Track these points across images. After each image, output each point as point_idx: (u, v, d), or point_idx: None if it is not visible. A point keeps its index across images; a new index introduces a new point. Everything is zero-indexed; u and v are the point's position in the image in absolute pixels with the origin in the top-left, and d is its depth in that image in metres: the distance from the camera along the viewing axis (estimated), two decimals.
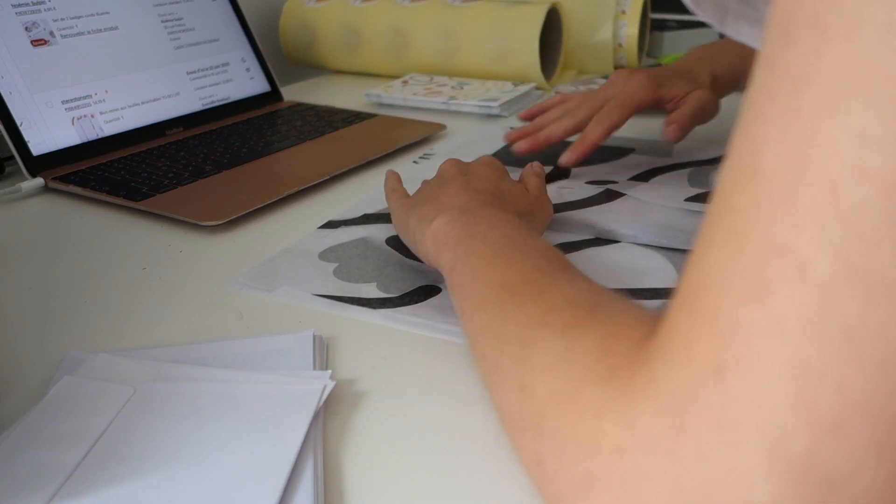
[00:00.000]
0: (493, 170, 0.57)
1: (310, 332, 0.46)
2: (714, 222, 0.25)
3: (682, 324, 0.24)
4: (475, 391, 0.42)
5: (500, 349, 0.34)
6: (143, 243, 0.61)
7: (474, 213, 0.47)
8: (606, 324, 0.30)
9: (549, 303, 0.34)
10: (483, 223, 0.45)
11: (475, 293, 0.39)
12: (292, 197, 0.69)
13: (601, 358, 0.28)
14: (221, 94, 0.93)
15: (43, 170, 0.74)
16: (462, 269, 0.42)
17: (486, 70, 1.05)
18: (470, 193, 0.52)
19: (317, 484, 0.34)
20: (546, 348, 0.31)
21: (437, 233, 0.47)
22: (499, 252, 0.41)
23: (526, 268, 0.38)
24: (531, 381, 0.31)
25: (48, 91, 0.77)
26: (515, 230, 0.44)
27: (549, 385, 0.29)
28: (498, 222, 0.45)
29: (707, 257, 0.24)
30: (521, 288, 0.37)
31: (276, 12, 1.21)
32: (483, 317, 0.37)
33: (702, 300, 0.24)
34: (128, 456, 0.36)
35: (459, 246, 0.44)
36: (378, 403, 0.41)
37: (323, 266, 0.56)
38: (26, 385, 0.43)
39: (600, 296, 0.34)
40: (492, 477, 0.35)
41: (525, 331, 0.33)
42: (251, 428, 0.37)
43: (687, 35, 1.24)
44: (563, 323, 0.32)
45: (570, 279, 0.37)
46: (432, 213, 0.49)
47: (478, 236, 0.44)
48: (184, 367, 0.42)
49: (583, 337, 0.30)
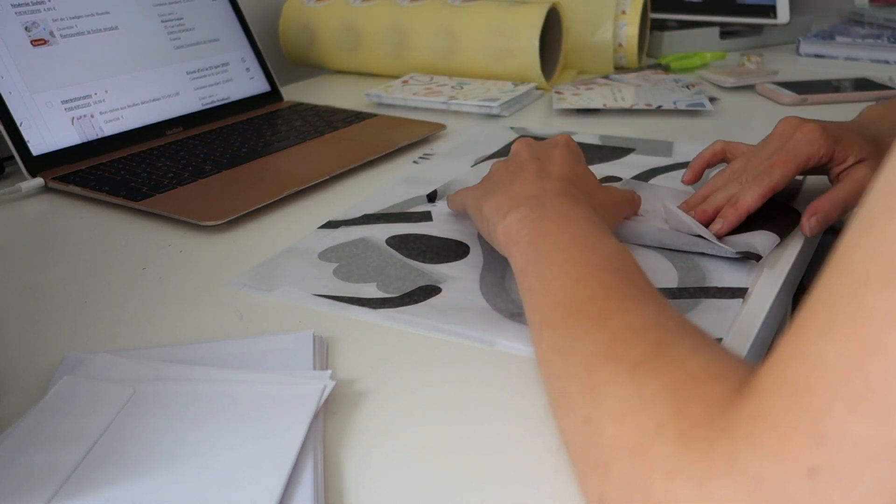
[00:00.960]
0: (570, 153, 0.55)
1: (310, 333, 0.45)
2: (832, 310, 0.23)
3: (779, 413, 0.24)
4: (475, 391, 0.42)
5: (566, 375, 0.34)
6: (143, 243, 0.61)
7: (546, 207, 0.47)
8: (677, 370, 0.30)
9: (616, 331, 0.34)
10: (555, 223, 0.45)
11: (543, 307, 0.39)
12: (292, 197, 0.69)
13: (675, 414, 0.28)
14: (221, 94, 0.93)
15: (43, 170, 0.74)
16: (532, 274, 0.42)
17: (486, 70, 1.05)
18: (544, 181, 0.50)
19: (317, 484, 0.34)
20: (614, 386, 0.31)
21: (510, 230, 0.46)
22: (569, 260, 0.41)
23: (594, 284, 0.38)
24: (598, 419, 0.31)
25: (48, 91, 0.77)
26: (588, 231, 0.44)
27: (618, 429, 0.29)
28: (570, 221, 0.45)
29: (818, 348, 0.23)
30: (588, 309, 0.36)
31: (276, 12, 1.21)
32: (551, 336, 0.37)
33: (806, 396, 0.23)
34: (127, 456, 0.36)
35: (531, 248, 0.44)
36: (378, 403, 0.41)
37: (323, 266, 0.56)
38: (26, 385, 0.43)
39: (665, 328, 0.34)
40: (491, 476, 0.35)
41: (592, 360, 0.33)
42: (251, 428, 0.37)
43: (687, 35, 1.24)
44: (630, 360, 0.32)
45: (637, 300, 0.37)
46: (505, 206, 0.48)
47: (549, 237, 0.43)
48: (183, 367, 0.42)
49: (653, 380, 0.30)
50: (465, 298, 0.51)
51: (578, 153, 0.56)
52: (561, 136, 0.57)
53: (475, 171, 0.73)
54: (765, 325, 0.48)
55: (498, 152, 0.80)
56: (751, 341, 0.46)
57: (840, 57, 1.21)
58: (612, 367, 0.32)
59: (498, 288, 0.52)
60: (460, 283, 0.52)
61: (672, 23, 1.28)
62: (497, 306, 0.49)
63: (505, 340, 0.45)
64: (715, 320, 0.47)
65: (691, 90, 0.98)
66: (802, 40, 1.25)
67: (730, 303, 0.49)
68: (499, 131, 0.87)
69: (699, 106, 0.91)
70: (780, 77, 1.04)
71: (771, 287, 0.51)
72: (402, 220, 0.63)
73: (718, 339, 0.45)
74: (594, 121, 0.91)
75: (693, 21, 1.26)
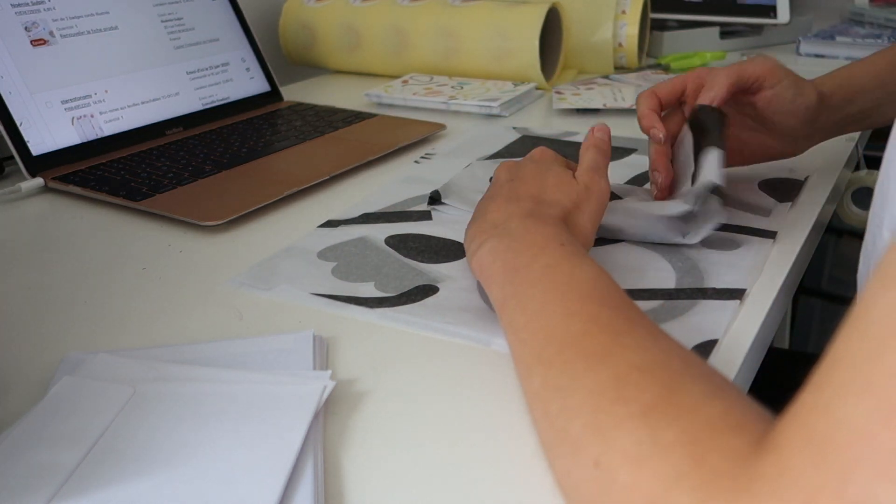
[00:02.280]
0: (540, 166, 0.54)
1: (310, 332, 0.46)
2: (855, 366, 0.23)
3: (804, 470, 0.23)
4: (475, 391, 0.42)
5: (567, 414, 0.33)
6: (143, 243, 0.61)
7: (513, 235, 0.46)
8: (693, 418, 0.29)
9: (621, 370, 0.33)
10: (524, 254, 0.44)
11: (531, 342, 0.38)
12: (292, 197, 0.69)
13: (694, 464, 0.27)
14: (221, 94, 0.93)
15: (43, 170, 0.74)
16: (514, 308, 0.41)
17: (486, 70, 1.05)
18: (510, 205, 0.49)
19: (317, 484, 0.34)
20: (626, 432, 0.30)
21: (483, 264, 0.46)
22: (549, 291, 0.40)
23: (584, 317, 0.37)
24: (610, 464, 0.30)
25: (48, 91, 0.77)
26: (560, 257, 0.43)
27: (634, 476, 0.28)
28: (540, 248, 0.44)
29: (842, 405, 0.23)
30: (584, 345, 0.36)
31: (276, 12, 1.21)
32: (546, 373, 0.36)
33: (832, 455, 0.23)
34: (128, 456, 0.36)
35: (506, 282, 0.43)
36: (378, 403, 0.41)
37: (321, 265, 0.56)
38: (26, 385, 0.43)
39: (671, 368, 0.33)
40: (491, 476, 0.36)
41: (599, 400, 0.32)
42: (251, 428, 0.37)
43: (687, 35, 1.24)
44: (642, 404, 0.31)
45: (634, 336, 0.36)
46: (478, 238, 0.48)
47: (521, 270, 0.43)
48: (183, 367, 0.42)
49: (668, 428, 0.29)
50: (463, 298, 0.51)
51: (551, 160, 0.55)
52: (535, 149, 0.57)
53: (469, 170, 0.73)
54: (764, 325, 0.48)
55: (498, 152, 0.80)
56: (750, 342, 0.46)
57: (840, 57, 1.21)
58: (622, 409, 0.31)
59: None
60: (458, 283, 0.53)
61: (672, 23, 1.28)
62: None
63: (501, 340, 0.45)
64: (712, 321, 0.47)
65: None
66: (802, 40, 1.25)
67: (728, 304, 0.49)
68: (499, 131, 0.87)
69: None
70: None
71: (770, 287, 0.51)
72: (402, 220, 0.63)
73: (715, 339, 0.45)
74: (594, 121, 0.91)
75: (693, 21, 1.26)
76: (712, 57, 1.13)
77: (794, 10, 1.25)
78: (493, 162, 0.76)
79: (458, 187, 0.68)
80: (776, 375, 0.67)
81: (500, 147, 0.81)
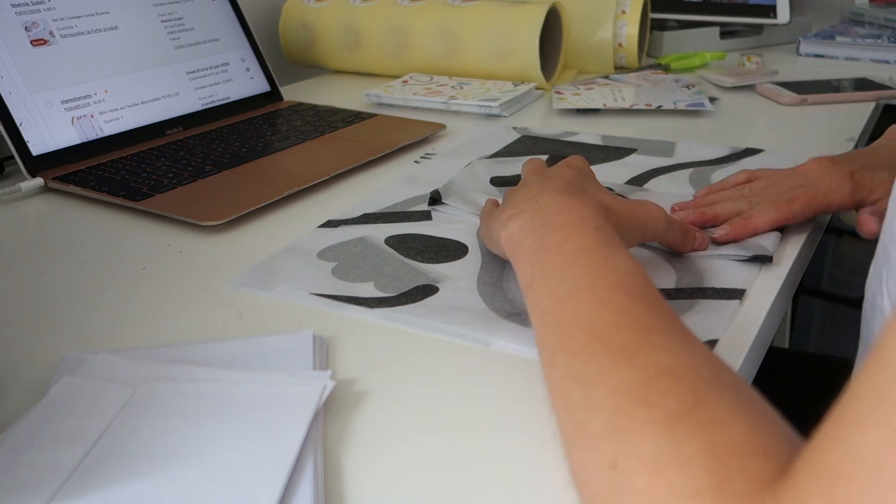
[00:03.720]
0: (576, 169, 0.52)
1: (309, 332, 0.46)
2: (871, 400, 0.24)
3: (816, 501, 0.24)
4: (475, 391, 0.42)
5: (588, 408, 0.32)
6: (143, 243, 0.61)
7: (546, 211, 0.44)
8: (718, 434, 0.29)
9: (648, 372, 0.32)
10: (558, 231, 0.42)
11: (557, 328, 0.37)
12: (292, 197, 0.69)
13: (715, 484, 0.27)
14: (221, 94, 0.93)
15: (43, 170, 0.74)
16: (541, 289, 0.40)
17: (486, 70, 1.05)
18: (545, 182, 0.48)
19: (317, 484, 0.34)
20: (647, 435, 0.29)
21: (512, 239, 0.45)
22: (580, 276, 0.39)
23: (614, 309, 0.36)
24: (627, 467, 0.29)
25: (48, 91, 0.77)
26: (595, 241, 0.41)
27: (649, 483, 0.28)
28: (574, 228, 0.42)
29: (855, 438, 0.23)
30: (613, 340, 0.35)
31: (276, 12, 1.21)
32: (569, 362, 0.35)
33: (841, 487, 0.23)
34: (127, 456, 0.36)
35: (536, 260, 0.42)
36: (378, 403, 0.41)
37: (321, 265, 0.56)
38: (26, 385, 0.43)
39: (701, 375, 0.32)
40: (491, 476, 0.36)
41: (622, 400, 0.31)
42: (251, 428, 0.37)
43: (687, 35, 1.24)
44: (666, 410, 0.30)
45: (665, 335, 0.35)
46: (506, 213, 0.47)
47: (552, 249, 0.41)
48: (183, 367, 0.42)
49: (691, 439, 0.29)
50: (462, 298, 0.51)
51: (587, 171, 0.53)
52: (571, 157, 0.55)
53: (469, 170, 0.73)
54: (764, 325, 0.48)
55: (498, 152, 0.80)
56: (751, 342, 0.46)
57: (840, 57, 1.21)
58: (645, 413, 0.30)
59: (495, 288, 0.52)
60: (458, 283, 0.53)
61: (672, 23, 1.28)
62: (494, 306, 0.49)
63: (501, 340, 0.46)
64: (712, 321, 0.47)
65: (691, 90, 0.98)
66: (802, 40, 1.25)
67: (727, 304, 0.49)
68: (499, 131, 0.87)
69: (699, 106, 0.91)
70: (780, 77, 1.04)
71: (770, 287, 0.51)
72: (402, 220, 0.63)
73: (715, 339, 0.45)
74: (594, 121, 0.91)
75: (693, 21, 1.26)
76: (712, 57, 1.13)
77: (794, 10, 1.25)
78: (493, 161, 0.76)
79: (458, 187, 0.68)
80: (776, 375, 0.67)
81: (500, 147, 0.81)
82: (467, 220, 0.63)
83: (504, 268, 0.54)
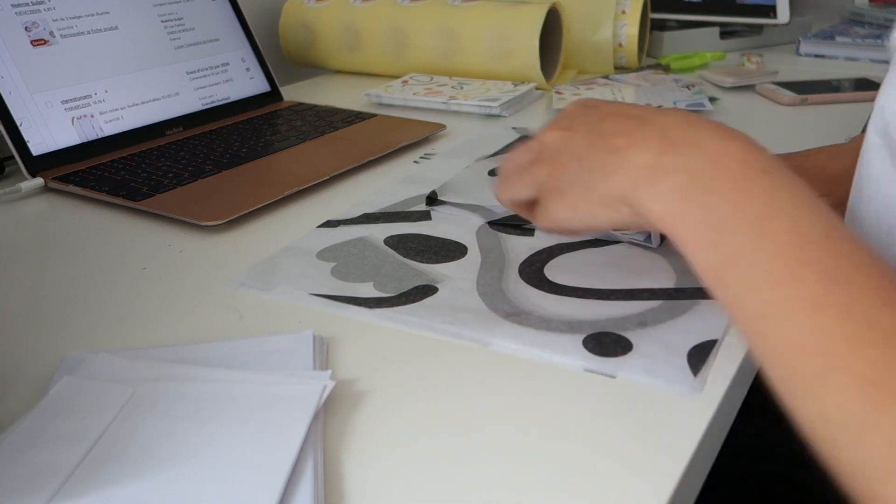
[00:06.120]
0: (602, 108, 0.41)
1: (309, 332, 0.46)
2: None
3: None
4: (474, 391, 0.42)
5: None
6: (143, 243, 0.61)
7: (689, 157, 0.33)
8: None
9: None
10: (722, 191, 0.32)
11: (779, 347, 0.29)
12: (292, 197, 0.69)
13: None
14: (221, 94, 0.93)
15: (43, 170, 0.74)
16: (737, 286, 0.31)
17: (486, 70, 1.05)
18: (661, 116, 0.36)
19: (317, 484, 0.34)
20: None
21: (669, 214, 0.34)
22: (777, 268, 0.30)
23: (832, 311, 0.28)
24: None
25: (48, 91, 0.77)
26: (770, 200, 0.31)
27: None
28: (739, 180, 0.32)
29: None
30: (852, 365, 0.27)
31: (276, 12, 1.21)
32: (810, 400, 0.27)
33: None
34: (127, 456, 0.36)
35: (715, 241, 0.32)
36: (378, 403, 0.41)
37: (320, 265, 0.56)
38: (26, 385, 0.43)
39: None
40: (491, 476, 0.36)
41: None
42: (251, 428, 0.37)
43: (687, 35, 1.24)
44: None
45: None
46: (629, 171, 0.34)
47: (728, 223, 0.32)
48: (184, 367, 0.42)
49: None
50: (462, 298, 0.51)
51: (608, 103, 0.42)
52: None
53: (468, 170, 0.73)
54: None
55: (498, 152, 0.80)
56: None
57: (840, 57, 1.21)
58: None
59: (494, 288, 0.52)
60: (457, 283, 0.53)
61: (672, 23, 1.28)
62: (493, 306, 0.49)
63: (500, 341, 0.46)
64: (712, 321, 0.47)
65: (691, 90, 0.98)
66: (802, 40, 1.25)
67: None
68: (499, 131, 0.87)
69: (699, 106, 0.91)
70: (780, 77, 1.04)
71: None
72: (401, 220, 0.63)
73: (714, 339, 0.45)
74: None
75: (693, 21, 1.26)
76: (712, 57, 1.13)
77: (794, 10, 1.25)
78: (492, 161, 0.76)
79: (456, 184, 0.68)
80: None
81: (499, 147, 0.81)
82: (467, 219, 0.63)
83: (503, 269, 0.54)
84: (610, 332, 0.46)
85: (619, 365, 0.43)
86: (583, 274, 0.53)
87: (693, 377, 0.42)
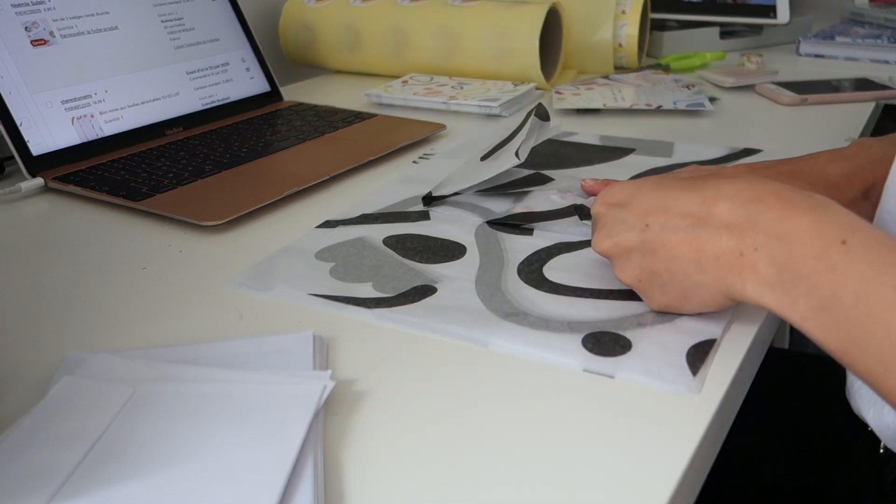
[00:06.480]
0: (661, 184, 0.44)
1: (309, 333, 0.46)
2: None
3: None
4: (473, 391, 0.42)
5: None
6: (143, 243, 0.61)
7: (774, 234, 0.36)
8: None
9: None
10: (812, 275, 0.35)
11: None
12: (292, 197, 0.69)
13: None
14: (221, 94, 0.93)
15: (43, 170, 0.74)
16: (875, 363, 0.33)
17: (486, 70, 1.05)
18: (712, 206, 0.39)
19: (317, 484, 0.34)
20: None
21: (774, 306, 0.36)
22: (875, 356, 0.33)
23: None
24: None
25: (48, 91, 0.77)
26: (857, 276, 0.34)
27: None
28: (822, 258, 0.35)
29: None
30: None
31: (276, 12, 1.21)
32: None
33: None
34: (127, 456, 0.36)
35: (838, 323, 0.34)
36: (378, 403, 0.41)
37: (319, 265, 0.56)
38: (26, 385, 0.43)
39: None
40: (491, 476, 0.36)
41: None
42: (251, 428, 0.37)
43: (687, 35, 1.24)
44: None
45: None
46: (708, 236, 0.38)
47: (830, 307, 0.34)
48: (183, 367, 0.42)
49: None
50: (461, 298, 0.51)
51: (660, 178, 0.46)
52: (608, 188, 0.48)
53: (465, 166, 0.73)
54: (764, 325, 0.48)
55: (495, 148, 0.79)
56: (750, 342, 0.46)
57: (840, 57, 1.21)
58: None
59: (493, 288, 0.52)
60: (456, 283, 0.53)
61: (672, 23, 1.28)
62: (492, 306, 0.49)
63: (499, 340, 0.46)
64: (712, 321, 0.47)
65: (691, 90, 0.98)
66: (802, 40, 1.25)
67: None
68: (499, 131, 0.87)
69: (699, 106, 0.91)
70: (780, 77, 1.04)
71: None
72: (400, 220, 0.63)
73: (713, 339, 0.45)
74: (594, 121, 0.91)
75: (693, 21, 1.26)
76: (712, 57, 1.13)
77: (794, 10, 1.25)
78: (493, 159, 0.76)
79: (451, 178, 0.68)
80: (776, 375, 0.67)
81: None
82: (466, 219, 0.63)
83: (502, 268, 0.54)
84: (609, 332, 0.46)
85: (619, 364, 0.43)
86: (582, 274, 0.53)
87: (692, 377, 0.42)
